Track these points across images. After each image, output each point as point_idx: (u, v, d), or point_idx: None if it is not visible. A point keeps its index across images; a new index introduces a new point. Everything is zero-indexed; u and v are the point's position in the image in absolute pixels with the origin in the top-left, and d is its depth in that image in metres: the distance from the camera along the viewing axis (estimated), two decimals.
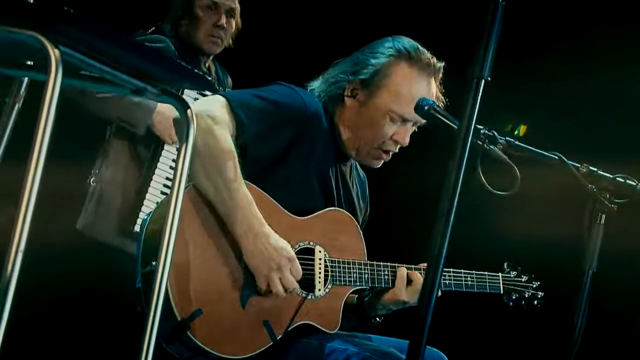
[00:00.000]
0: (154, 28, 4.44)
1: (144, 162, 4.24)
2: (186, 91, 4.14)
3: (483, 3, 2.12)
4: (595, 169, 2.74)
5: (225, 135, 2.91)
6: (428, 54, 3.26)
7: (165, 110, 4.14)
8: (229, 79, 4.66)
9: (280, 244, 2.96)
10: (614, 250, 2.75)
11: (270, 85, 3.18)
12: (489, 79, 2.14)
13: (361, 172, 3.54)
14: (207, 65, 4.54)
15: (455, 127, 2.90)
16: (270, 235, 2.94)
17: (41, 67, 2.10)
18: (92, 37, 1.92)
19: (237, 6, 4.51)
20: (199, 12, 4.39)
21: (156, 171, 4.21)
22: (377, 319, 3.37)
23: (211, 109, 2.93)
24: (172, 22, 4.47)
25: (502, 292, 3.58)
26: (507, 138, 2.78)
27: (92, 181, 4.24)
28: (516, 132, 2.81)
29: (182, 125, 2.28)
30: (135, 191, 4.22)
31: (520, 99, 4.75)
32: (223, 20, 4.40)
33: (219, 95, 3.05)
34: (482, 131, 2.72)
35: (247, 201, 2.92)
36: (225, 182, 2.89)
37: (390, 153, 3.29)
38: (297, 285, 2.99)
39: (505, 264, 3.64)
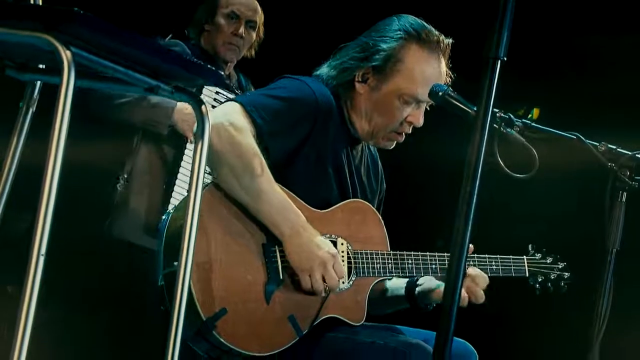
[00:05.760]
0: (171, 35, 4.53)
1: (169, 162, 4.28)
2: (205, 90, 4.24)
3: None
4: (614, 147, 2.72)
5: (249, 140, 2.92)
6: (436, 32, 3.24)
7: (184, 108, 4.19)
8: (252, 88, 4.70)
9: (322, 240, 2.98)
10: None
11: (278, 81, 3.19)
12: (505, 59, 2.12)
13: (373, 149, 3.51)
14: (228, 73, 4.63)
15: (471, 111, 2.88)
16: (312, 232, 2.97)
17: (54, 70, 2.11)
18: (103, 37, 1.92)
19: (260, 18, 4.65)
20: (220, 20, 4.53)
21: (180, 170, 4.26)
22: (430, 306, 3.37)
23: (228, 117, 2.93)
24: (197, 28, 4.61)
25: (527, 275, 3.54)
26: (524, 120, 2.76)
27: (120, 186, 4.29)
28: (530, 116, 2.78)
29: (197, 122, 2.28)
30: (162, 191, 4.26)
31: (533, 81, 4.74)
32: (242, 30, 4.53)
33: (231, 102, 3.05)
34: (497, 114, 2.70)
35: (284, 201, 2.95)
36: (260, 185, 2.91)
37: (404, 134, 3.28)
38: (337, 282, 2.99)
39: (530, 246, 3.59)
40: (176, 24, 4.61)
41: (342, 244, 3.10)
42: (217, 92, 4.32)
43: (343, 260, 3.08)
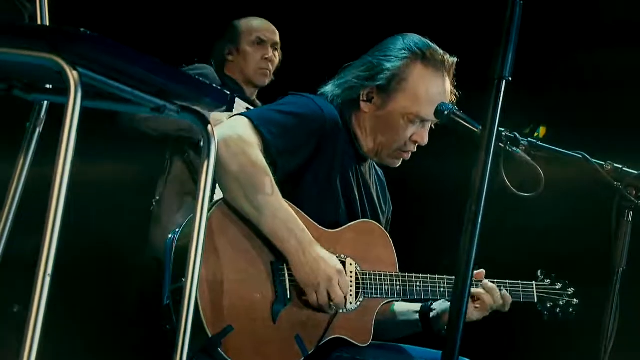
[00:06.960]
0: (196, 60, 4.64)
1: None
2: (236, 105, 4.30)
3: (501, 2, 2.12)
4: (620, 166, 2.72)
5: (257, 154, 2.92)
6: (440, 51, 3.25)
7: (214, 115, 4.24)
8: None
9: (329, 256, 2.97)
10: None
11: (286, 98, 3.19)
12: (510, 78, 2.13)
13: (379, 169, 3.51)
14: (252, 99, 4.72)
15: (476, 130, 2.88)
16: (317, 248, 2.95)
17: (60, 90, 2.11)
18: (109, 57, 1.92)
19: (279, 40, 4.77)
20: (247, 48, 4.68)
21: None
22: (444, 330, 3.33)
23: (238, 131, 2.94)
24: (218, 60, 4.73)
25: (536, 301, 3.51)
26: (529, 139, 2.76)
27: (153, 208, 4.41)
28: (536, 134, 2.78)
29: (203, 142, 2.28)
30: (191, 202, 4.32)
31: (540, 101, 4.74)
32: (270, 53, 4.69)
33: (240, 116, 3.05)
34: (503, 133, 2.70)
35: (290, 216, 2.94)
36: (266, 200, 2.91)
37: (410, 152, 3.28)
38: (343, 298, 2.97)
39: (539, 272, 3.56)
40: (195, 54, 4.67)
41: (350, 264, 3.08)
42: (246, 109, 4.35)
43: (351, 281, 3.06)
